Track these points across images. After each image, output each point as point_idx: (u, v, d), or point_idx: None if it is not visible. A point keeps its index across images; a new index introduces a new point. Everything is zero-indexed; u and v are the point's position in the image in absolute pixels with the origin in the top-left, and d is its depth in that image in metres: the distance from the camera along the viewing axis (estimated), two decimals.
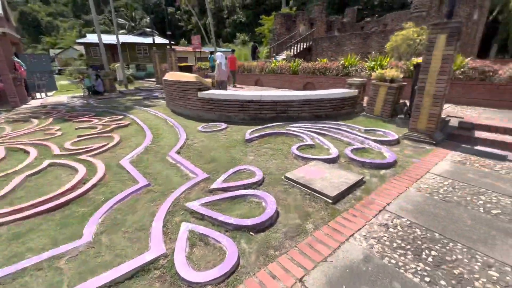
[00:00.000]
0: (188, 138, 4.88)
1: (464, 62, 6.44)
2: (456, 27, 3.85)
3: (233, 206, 2.61)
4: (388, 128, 5.16)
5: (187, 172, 3.45)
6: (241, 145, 4.42)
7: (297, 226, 2.31)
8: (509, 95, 5.75)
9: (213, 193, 2.87)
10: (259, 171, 3.30)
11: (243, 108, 5.95)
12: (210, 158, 3.88)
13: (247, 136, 4.72)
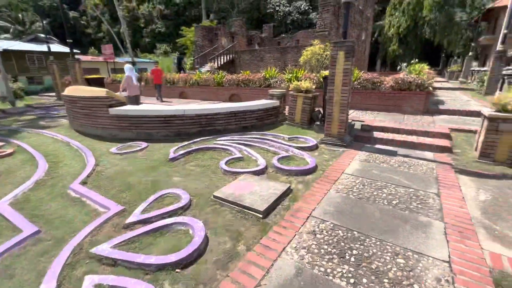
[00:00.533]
0: (98, 163, 4.14)
1: (359, 74, 7.68)
2: (350, 46, 4.52)
3: (155, 240, 2.27)
4: (308, 134, 5.62)
5: (96, 206, 2.86)
6: (164, 165, 4.01)
7: (228, 250, 2.15)
8: (392, 101, 7.13)
9: (130, 229, 2.44)
10: (185, 194, 3.01)
11: (166, 124, 5.49)
12: (126, 185, 3.35)
13: (172, 155, 4.33)
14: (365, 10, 20.93)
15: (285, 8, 37.43)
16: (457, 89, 12.89)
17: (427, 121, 6.09)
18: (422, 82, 6.65)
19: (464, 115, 6.55)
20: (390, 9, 31.21)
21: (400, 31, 29.52)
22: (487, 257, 2.03)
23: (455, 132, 5.20)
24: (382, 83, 7.25)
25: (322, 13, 15.02)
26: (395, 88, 7.03)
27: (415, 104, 6.84)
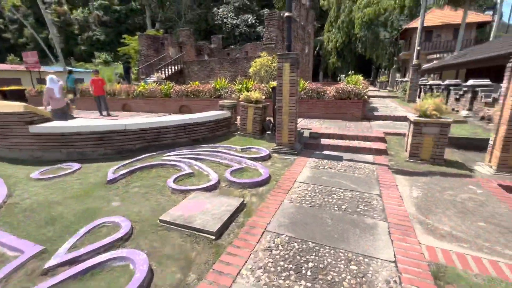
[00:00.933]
0: (12, 193, 3.41)
1: (305, 85, 8.13)
2: (294, 58, 4.71)
3: (84, 285, 1.88)
4: (260, 144, 5.63)
5: (3, 250, 2.29)
6: (101, 189, 3.51)
7: (177, 283, 1.90)
8: (335, 109, 7.70)
9: (51, 274, 1.99)
10: (126, 221, 2.64)
11: (104, 141, 4.88)
12: (50, 218, 2.79)
13: (110, 176, 3.83)
14: (306, 26, 22.67)
15: (233, 20, 38.23)
16: (386, 97, 14.68)
17: (366, 126, 6.71)
18: (359, 91, 7.34)
19: (394, 120, 7.42)
20: (327, 26, 34.50)
21: (337, 45, 32.76)
22: (425, 252, 2.21)
23: (389, 136, 5.81)
24: (326, 92, 7.79)
25: (268, 27, 15.71)
26: (337, 97, 7.62)
27: (355, 111, 7.50)
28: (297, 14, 20.11)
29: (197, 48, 25.70)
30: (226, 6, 39.81)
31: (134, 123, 5.15)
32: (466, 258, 2.14)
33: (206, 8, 41.37)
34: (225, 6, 39.85)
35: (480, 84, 6.79)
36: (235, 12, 39.52)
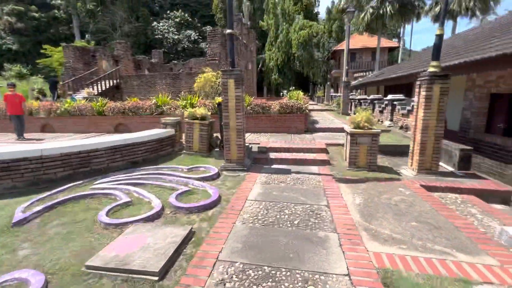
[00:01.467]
0: None
1: (250, 100, 8.26)
2: (239, 74, 4.72)
3: None
4: (208, 162, 5.37)
5: None
6: (4, 235, 2.75)
7: None
8: (280, 123, 8.00)
9: None
10: (38, 275, 2.08)
11: (10, 171, 3.95)
12: None
13: (19, 216, 3.06)
14: (248, 44, 23.63)
15: (175, 35, 37.44)
16: (324, 110, 16.07)
17: (309, 138, 7.10)
18: (300, 106, 7.80)
19: (333, 131, 8.07)
20: (268, 45, 36.70)
21: (278, 63, 35.01)
22: (373, 259, 2.30)
23: (330, 147, 6.25)
24: (270, 107, 8.05)
25: (211, 43, 15.79)
26: (281, 112, 7.94)
27: (298, 124, 7.91)
28: (239, 32, 20.85)
29: (136, 62, 24.16)
30: (166, 21, 38.86)
31: (55, 147, 4.34)
32: (407, 259, 2.30)
33: (145, 21, 39.61)
34: (166, 21, 38.88)
35: (397, 99, 7.98)
36: (177, 28, 38.87)
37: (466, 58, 5.64)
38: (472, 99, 6.22)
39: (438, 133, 4.58)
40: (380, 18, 17.61)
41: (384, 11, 16.65)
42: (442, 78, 4.43)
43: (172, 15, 39.23)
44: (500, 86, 5.43)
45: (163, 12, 40.70)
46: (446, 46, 10.05)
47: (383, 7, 16.95)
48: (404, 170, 5.03)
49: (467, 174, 4.80)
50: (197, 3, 42.17)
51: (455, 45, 8.50)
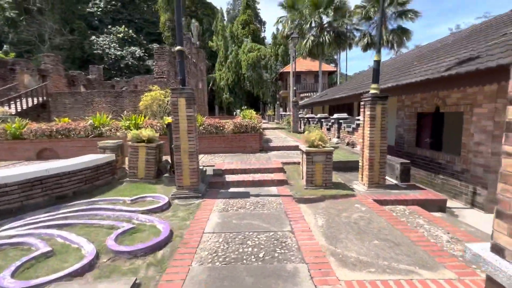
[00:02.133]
0: None
1: (203, 120, 7.90)
2: (190, 93, 4.39)
3: None
4: (157, 190, 4.76)
5: None
6: None
7: None
8: (235, 142, 7.79)
9: None
10: None
11: None
12: None
13: None
14: (198, 63, 23.44)
15: (117, 51, 35.03)
16: (276, 129, 16.54)
17: (265, 158, 7.03)
18: (254, 125, 7.76)
19: (287, 149, 8.19)
20: (218, 65, 37.17)
21: (229, 83, 35.57)
22: None
23: (286, 165, 6.24)
24: (224, 127, 7.81)
25: (158, 61, 15.09)
26: (235, 131, 7.75)
27: (253, 144, 7.81)
28: (188, 51, 20.55)
29: (70, 77, 21.62)
30: (107, 36, 36.27)
31: None
32: (377, 284, 2.21)
33: (81, 35, 36.23)
34: (107, 36, 36.28)
35: (342, 117, 8.62)
36: (120, 44, 36.54)
37: (397, 82, 6.41)
38: (403, 117, 7.07)
39: (382, 149, 4.95)
40: (320, 45, 19.52)
41: (323, 39, 18.59)
42: (382, 99, 4.86)
43: (115, 30, 36.90)
44: (424, 106, 6.30)
45: (104, 27, 38.00)
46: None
47: (322, 36, 18.90)
48: (356, 185, 5.26)
49: (408, 185, 5.25)
50: (143, 20, 40.71)
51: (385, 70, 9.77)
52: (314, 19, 19.21)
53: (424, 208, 4.32)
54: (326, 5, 18.66)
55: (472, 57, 4.75)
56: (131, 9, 40.18)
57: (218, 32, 36.27)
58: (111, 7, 37.95)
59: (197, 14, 40.68)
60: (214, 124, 7.78)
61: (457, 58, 5.29)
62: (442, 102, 5.72)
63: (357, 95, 7.96)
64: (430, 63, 6.47)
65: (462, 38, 7.73)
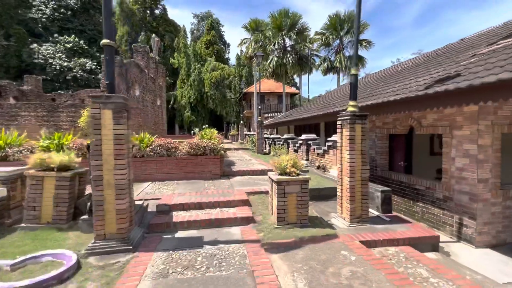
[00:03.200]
0: None
1: (151, 140, 6.53)
2: (120, 103, 3.17)
3: None
4: (65, 242, 3.26)
5: None
6: None
7: None
8: (191, 167, 6.52)
9: None
10: None
11: None
12: None
13: None
14: (156, 79, 21.83)
15: (64, 62, 31.44)
16: (239, 149, 15.55)
17: (226, 185, 5.88)
18: (215, 146, 6.63)
19: (252, 174, 7.16)
20: (180, 83, 35.68)
21: (191, 101, 34.10)
22: None
23: (252, 196, 5.17)
24: (178, 149, 6.52)
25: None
26: (192, 154, 6.52)
27: (213, 168, 6.63)
28: (145, 65, 18.96)
29: None
30: (53, 45, 32.55)
31: None
32: None
33: (19, 41, 31.90)
34: (52, 45, 32.54)
35: (311, 138, 8.00)
36: (68, 54, 32.98)
37: (367, 101, 5.99)
38: (374, 139, 6.65)
39: (364, 176, 4.21)
40: (283, 66, 19.67)
41: (287, 60, 18.78)
42: (361, 118, 4.20)
43: (62, 39, 33.36)
44: (397, 128, 5.93)
45: (49, 35, 34.18)
46: (339, 94, 11.73)
47: (285, 57, 19.10)
48: (335, 219, 4.39)
49: (391, 217, 4.57)
50: (97, 31, 37.77)
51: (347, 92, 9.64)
52: (278, 40, 19.44)
53: (416, 249, 3.58)
54: (289, 29, 19.10)
55: (450, 76, 4.43)
56: (84, 19, 37.16)
57: (180, 49, 35.19)
58: (59, 15, 34.55)
59: (159, 30, 39.36)
60: (165, 145, 6.44)
61: (431, 77, 5.00)
62: (417, 123, 5.36)
63: (327, 114, 7.44)
64: (398, 83, 6.24)
65: (421, 62, 7.87)
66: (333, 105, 8.24)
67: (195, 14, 55.90)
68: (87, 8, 37.62)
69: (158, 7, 41.10)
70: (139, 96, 16.99)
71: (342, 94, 10.13)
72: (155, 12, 41.06)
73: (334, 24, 20.34)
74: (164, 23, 40.78)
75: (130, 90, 15.38)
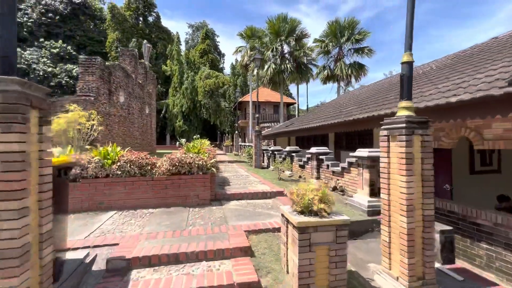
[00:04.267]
0: None
1: (119, 154, 5.00)
2: (14, 92, 1.68)
3: None
4: None
5: None
6: None
7: None
8: (172, 190, 4.98)
9: None
10: None
11: None
12: None
13: None
14: (146, 85, 20.37)
15: (48, 68, 29.76)
16: (234, 162, 14.04)
17: (218, 217, 4.35)
18: (203, 163, 5.12)
19: (251, 198, 5.65)
20: (172, 91, 34.27)
21: (183, 110, 32.61)
22: None
23: (253, 236, 3.65)
24: (155, 166, 4.99)
25: (84, 75, 11.80)
26: (174, 172, 4.99)
27: (200, 191, 5.10)
28: (132, 70, 17.52)
29: None
30: (38, 50, 30.91)
31: None
32: None
33: None
34: (37, 50, 30.89)
35: (323, 152, 6.58)
36: (53, 60, 31.34)
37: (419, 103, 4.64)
38: None
39: (428, 214, 2.78)
40: (281, 73, 18.52)
41: (285, 67, 17.64)
42: (422, 127, 2.81)
43: (48, 44, 31.78)
44: (443, 140, 4.58)
45: (35, 40, 32.59)
46: (351, 101, 10.29)
47: (283, 64, 17.97)
48: (381, 278, 2.90)
49: (459, 271, 3.12)
50: (87, 38, 36.38)
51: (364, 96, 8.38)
52: (276, 46, 18.36)
53: None
54: (288, 34, 18.08)
55: None
56: (73, 24, 35.79)
57: (173, 56, 34.00)
58: (46, 19, 33.12)
59: (151, 37, 38.24)
60: (137, 161, 4.90)
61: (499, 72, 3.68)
62: (476, 134, 4.01)
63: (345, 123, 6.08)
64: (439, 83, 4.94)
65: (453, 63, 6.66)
66: (348, 113, 6.90)
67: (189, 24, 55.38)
68: (77, 13, 36.36)
69: (152, 14, 40.17)
70: (123, 103, 15.44)
71: (355, 101, 8.84)
72: (148, 19, 40.09)
73: (334, 31, 19.48)
74: (157, 30, 39.77)
75: (113, 96, 13.84)
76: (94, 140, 11.79)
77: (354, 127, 6.04)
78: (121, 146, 15.33)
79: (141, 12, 38.61)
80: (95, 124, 11.12)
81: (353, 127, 6.07)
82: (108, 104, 13.09)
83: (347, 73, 18.95)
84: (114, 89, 13.73)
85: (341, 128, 6.64)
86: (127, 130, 16.08)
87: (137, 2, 37.89)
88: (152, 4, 39.42)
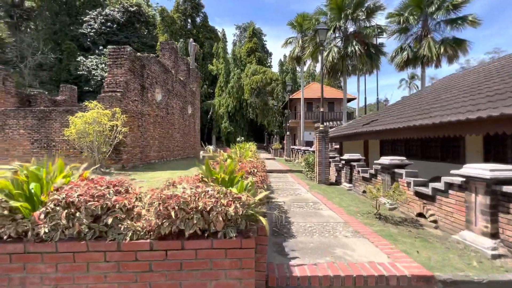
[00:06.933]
0: None
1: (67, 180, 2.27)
2: None
3: None
4: None
5: None
6: None
7: None
8: (164, 276, 2.04)
9: None
10: None
11: None
12: None
13: None
14: (188, 83, 18.71)
15: (105, 73, 31.18)
16: (287, 172, 10.89)
17: None
18: (240, 208, 2.06)
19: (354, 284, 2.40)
20: (218, 91, 32.85)
21: (229, 110, 30.80)
22: None
23: None
24: (132, 213, 2.13)
25: (112, 67, 10.07)
26: (167, 232, 2.04)
27: (233, 277, 2.06)
28: (172, 65, 15.85)
29: (25, 97, 16.93)
30: (97, 57, 32.82)
31: None
32: None
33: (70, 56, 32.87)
34: (97, 57, 32.83)
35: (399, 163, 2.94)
36: None
37: None
38: None
39: None
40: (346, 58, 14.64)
41: (352, 49, 13.72)
42: None
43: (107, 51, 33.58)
44: None
45: (96, 48, 34.89)
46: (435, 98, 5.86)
47: (349, 46, 14.06)
48: None
49: None
50: (141, 43, 37.73)
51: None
52: (339, 24, 14.55)
53: None
54: (355, 8, 14.10)
55: None
56: (130, 32, 37.51)
57: (219, 54, 32.57)
58: (106, 29, 35.16)
59: (199, 37, 37.75)
60: (86, 202, 2.10)
61: None
62: None
63: None
64: None
65: None
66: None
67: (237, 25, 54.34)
68: (132, 21, 38.00)
69: (200, 14, 39.84)
70: (161, 101, 13.68)
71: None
72: (196, 20, 39.87)
73: None
74: (204, 30, 39.21)
75: (147, 93, 12.06)
76: (120, 144, 9.80)
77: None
78: (157, 151, 13.47)
79: (189, 13, 38.50)
80: (118, 124, 8.68)
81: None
82: (140, 102, 11.32)
83: (438, 53, 14.00)
84: (148, 85, 11.98)
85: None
86: (166, 132, 14.36)
87: (186, 3, 37.84)
88: (200, 4, 39.02)
